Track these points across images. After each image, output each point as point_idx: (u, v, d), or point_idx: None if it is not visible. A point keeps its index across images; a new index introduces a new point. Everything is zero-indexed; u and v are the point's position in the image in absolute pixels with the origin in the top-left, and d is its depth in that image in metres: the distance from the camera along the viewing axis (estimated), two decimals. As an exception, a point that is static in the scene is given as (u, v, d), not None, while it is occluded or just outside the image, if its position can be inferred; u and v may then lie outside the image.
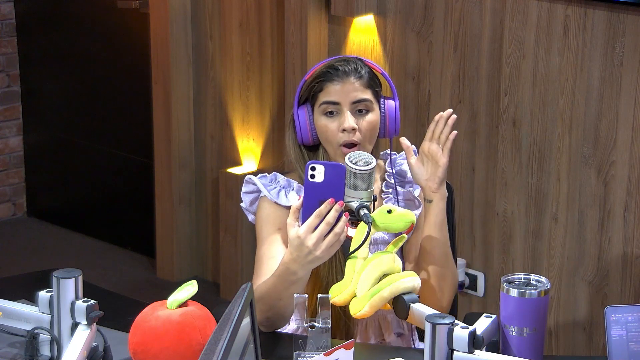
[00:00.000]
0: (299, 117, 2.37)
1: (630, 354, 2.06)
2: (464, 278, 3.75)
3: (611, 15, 3.28)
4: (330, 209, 2.10)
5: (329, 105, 2.35)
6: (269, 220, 2.39)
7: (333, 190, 2.11)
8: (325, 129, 2.36)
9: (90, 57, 4.93)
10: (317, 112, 2.37)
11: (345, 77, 2.35)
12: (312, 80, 2.37)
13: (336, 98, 2.35)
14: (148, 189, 4.73)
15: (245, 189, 2.44)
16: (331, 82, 2.35)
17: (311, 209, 2.11)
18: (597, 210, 3.42)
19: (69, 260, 4.69)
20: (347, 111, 2.34)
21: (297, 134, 2.38)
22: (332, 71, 2.35)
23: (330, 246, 2.12)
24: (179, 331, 2.03)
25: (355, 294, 2.13)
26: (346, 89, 2.35)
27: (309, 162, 2.11)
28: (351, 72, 2.35)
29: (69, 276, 2.08)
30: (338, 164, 2.12)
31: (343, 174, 2.11)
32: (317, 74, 2.37)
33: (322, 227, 2.10)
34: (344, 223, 2.12)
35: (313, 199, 2.11)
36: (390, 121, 2.39)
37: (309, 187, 2.11)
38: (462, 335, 1.93)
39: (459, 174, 3.72)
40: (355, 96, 2.35)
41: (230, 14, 4.31)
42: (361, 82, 2.36)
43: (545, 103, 3.48)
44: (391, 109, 2.39)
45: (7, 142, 5.24)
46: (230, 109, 4.40)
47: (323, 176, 2.11)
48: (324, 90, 2.36)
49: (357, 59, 2.40)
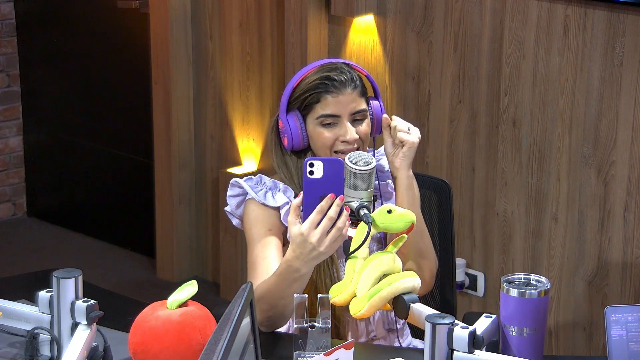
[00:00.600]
0: (289, 124, 2.37)
1: (630, 354, 2.06)
2: (464, 278, 3.75)
3: (611, 15, 3.28)
4: (331, 204, 2.11)
5: (328, 117, 2.36)
6: (258, 221, 2.39)
7: (333, 185, 2.11)
8: (322, 137, 2.36)
9: (90, 57, 4.93)
10: (313, 122, 2.37)
11: (342, 89, 2.35)
12: (306, 90, 2.37)
13: (336, 111, 2.35)
14: (148, 189, 4.73)
15: (231, 192, 2.45)
16: (329, 94, 2.35)
17: (312, 205, 2.11)
18: (597, 210, 3.42)
19: (69, 260, 4.69)
20: (347, 122, 2.36)
21: (287, 141, 2.38)
22: (328, 82, 2.35)
23: (334, 241, 2.12)
24: (179, 331, 2.03)
25: (355, 294, 2.13)
26: (345, 101, 2.35)
27: (307, 159, 2.11)
28: (347, 82, 2.36)
29: (69, 276, 2.08)
30: (336, 159, 2.13)
31: (341, 168, 2.12)
32: (311, 85, 2.36)
33: (324, 222, 2.11)
34: (345, 217, 2.12)
35: (313, 195, 2.11)
36: (377, 122, 2.42)
37: (309, 184, 2.11)
38: (462, 335, 1.93)
39: (459, 174, 3.72)
40: (354, 107, 2.37)
41: (230, 14, 4.31)
42: (357, 92, 2.37)
43: (545, 103, 3.48)
44: (377, 110, 2.42)
45: (7, 142, 5.24)
46: (230, 109, 4.40)
47: (322, 172, 2.11)
48: (321, 102, 2.36)
49: (345, 64, 2.40)
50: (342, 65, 2.39)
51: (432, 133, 3.76)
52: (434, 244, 2.47)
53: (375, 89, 2.45)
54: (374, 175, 2.17)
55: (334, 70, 2.37)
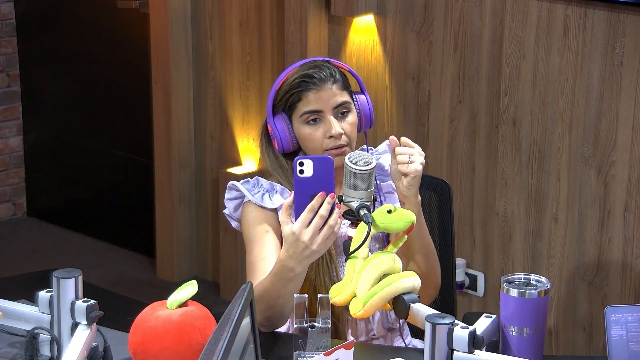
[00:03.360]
0: (277, 128, 2.39)
1: (630, 354, 2.06)
2: (464, 278, 3.75)
3: (611, 15, 3.28)
4: (322, 202, 2.11)
5: (311, 114, 2.37)
6: (255, 222, 2.39)
7: (323, 183, 2.12)
8: (310, 137, 2.37)
9: (90, 57, 4.93)
10: (298, 121, 2.38)
11: (322, 84, 2.37)
12: (288, 90, 2.38)
13: (318, 106, 2.37)
14: (148, 189, 4.73)
15: (229, 196, 2.46)
16: (309, 91, 2.37)
17: (303, 204, 2.12)
18: (597, 210, 3.42)
19: (69, 260, 4.69)
20: (330, 117, 2.37)
21: (277, 144, 2.39)
22: (308, 79, 2.37)
23: (326, 239, 2.13)
24: (179, 331, 2.03)
25: (355, 294, 2.13)
26: (326, 95, 2.37)
27: (296, 158, 2.12)
28: (327, 77, 2.38)
29: (69, 276, 2.08)
30: (326, 157, 2.14)
31: (331, 166, 2.12)
32: (292, 84, 2.38)
33: (316, 220, 2.11)
34: (337, 215, 2.13)
35: (304, 194, 2.12)
36: (365, 116, 2.43)
37: (299, 183, 2.12)
38: (462, 335, 1.93)
39: (459, 174, 3.72)
40: (336, 101, 2.38)
41: (230, 14, 4.31)
42: (337, 86, 2.39)
43: (545, 103, 3.48)
44: (364, 104, 2.43)
45: (7, 142, 5.24)
46: (230, 109, 4.40)
47: (312, 170, 2.12)
48: (302, 100, 2.37)
49: (324, 61, 2.42)
50: (322, 63, 2.41)
51: (432, 133, 3.77)
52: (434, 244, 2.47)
53: (360, 84, 2.47)
54: (374, 175, 2.17)
55: (313, 68, 2.39)
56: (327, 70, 2.38)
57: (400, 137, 2.30)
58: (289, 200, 2.14)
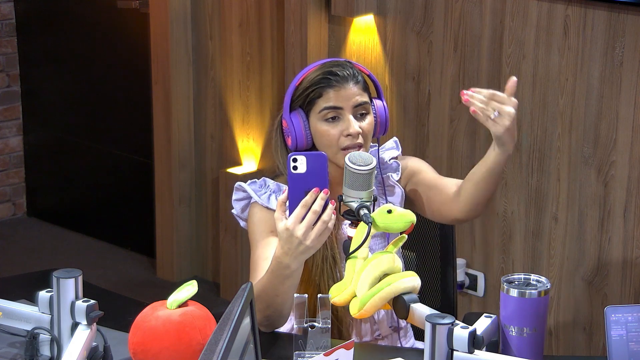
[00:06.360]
0: (293, 124, 2.38)
1: (630, 354, 2.06)
2: (464, 278, 3.75)
3: (611, 15, 3.28)
4: (316, 198, 2.11)
5: (330, 110, 2.36)
6: (261, 224, 2.40)
7: (317, 179, 2.12)
8: (327, 134, 2.36)
9: (90, 57, 4.93)
10: (316, 117, 2.38)
11: (344, 82, 2.36)
12: (308, 87, 2.38)
13: (338, 103, 2.36)
14: (148, 189, 4.73)
15: (236, 196, 2.46)
16: (331, 88, 2.36)
17: (297, 200, 2.12)
18: (597, 210, 3.42)
19: (69, 260, 4.69)
20: (349, 115, 2.36)
21: (292, 140, 2.38)
22: (331, 76, 2.36)
23: (320, 234, 2.12)
24: (179, 331, 2.03)
25: (355, 294, 2.13)
26: (347, 94, 2.36)
27: (290, 154, 2.12)
28: (349, 76, 2.37)
29: (69, 276, 2.08)
30: (319, 153, 2.14)
31: (325, 162, 2.12)
32: (314, 80, 2.37)
33: (309, 216, 2.11)
34: (331, 210, 2.13)
35: (298, 190, 2.12)
36: (381, 121, 2.43)
37: (293, 179, 2.12)
38: (462, 335, 1.93)
39: (459, 174, 3.72)
40: (357, 100, 2.37)
41: (230, 14, 4.31)
42: (359, 87, 2.38)
43: (545, 103, 3.48)
44: (381, 109, 2.43)
45: (7, 142, 5.25)
46: (230, 109, 4.40)
47: (306, 167, 2.12)
48: (323, 96, 2.36)
49: (347, 62, 2.41)
50: (344, 63, 2.41)
51: (432, 133, 3.77)
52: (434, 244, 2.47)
53: (379, 89, 2.46)
54: (374, 175, 2.17)
55: (336, 67, 2.39)
56: (350, 70, 2.38)
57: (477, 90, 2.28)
58: (284, 196, 2.14)
